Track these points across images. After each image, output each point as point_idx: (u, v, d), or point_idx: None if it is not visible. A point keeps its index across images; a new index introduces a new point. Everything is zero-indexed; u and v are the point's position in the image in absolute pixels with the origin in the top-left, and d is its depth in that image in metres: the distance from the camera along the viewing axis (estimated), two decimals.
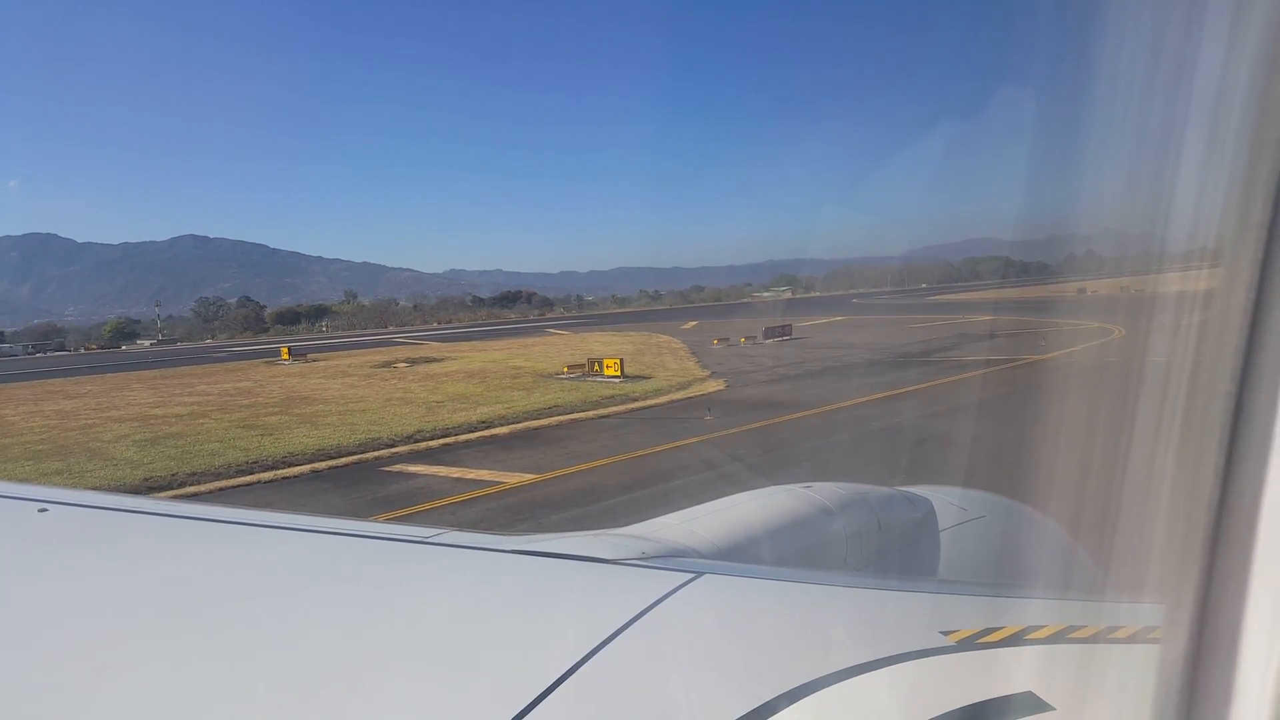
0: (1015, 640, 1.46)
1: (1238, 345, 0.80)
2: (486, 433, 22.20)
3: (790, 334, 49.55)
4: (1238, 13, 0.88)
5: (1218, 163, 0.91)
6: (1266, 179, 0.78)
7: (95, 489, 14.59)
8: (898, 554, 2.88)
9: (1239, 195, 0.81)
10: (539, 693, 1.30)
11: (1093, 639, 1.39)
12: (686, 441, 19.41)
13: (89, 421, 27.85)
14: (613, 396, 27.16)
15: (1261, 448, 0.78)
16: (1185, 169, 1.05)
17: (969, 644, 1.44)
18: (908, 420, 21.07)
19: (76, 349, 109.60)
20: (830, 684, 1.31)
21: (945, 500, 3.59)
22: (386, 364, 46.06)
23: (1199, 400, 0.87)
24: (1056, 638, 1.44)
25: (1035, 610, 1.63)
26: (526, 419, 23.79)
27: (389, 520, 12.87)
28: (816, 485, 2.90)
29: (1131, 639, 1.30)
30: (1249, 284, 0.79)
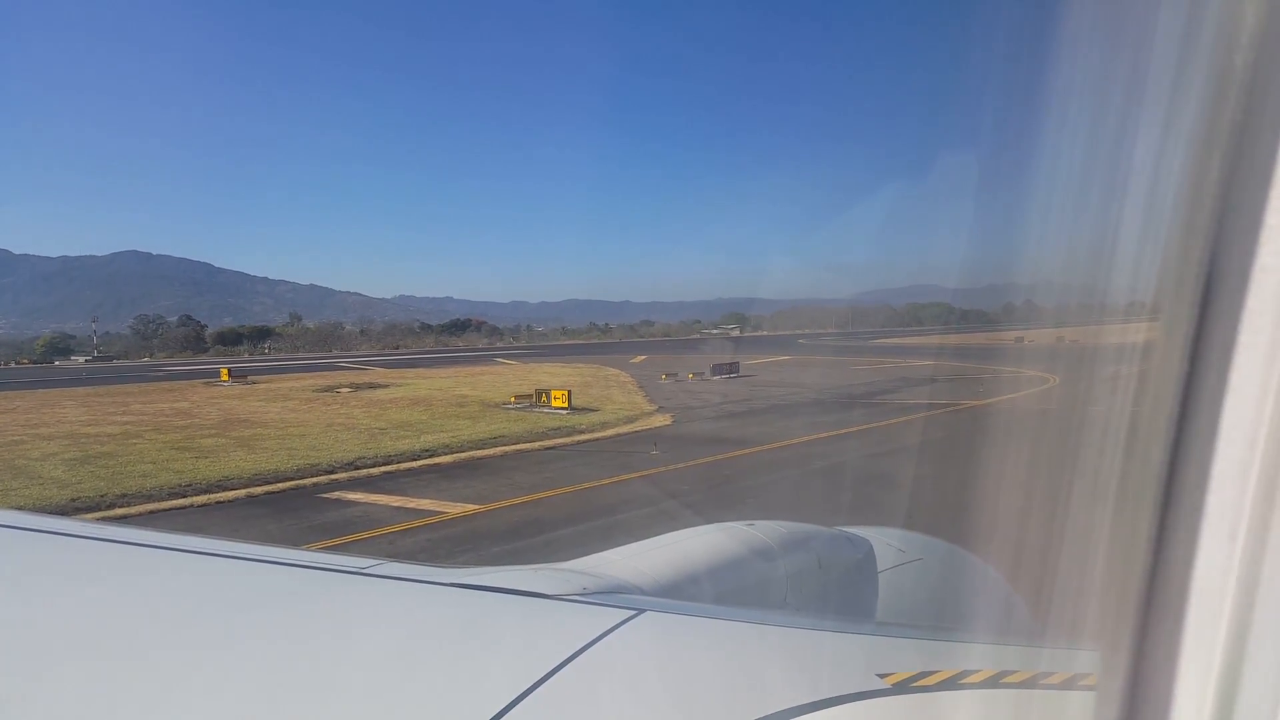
0: (951, 684, 1.46)
1: (1173, 399, 0.82)
2: (430, 461, 21.96)
3: (738, 371, 49.90)
4: (1177, 78, 0.92)
5: (1155, 223, 0.95)
6: (1202, 242, 0.80)
7: (18, 509, 14.06)
8: (837, 594, 2.89)
9: (1175, 256, 0.84)
10: None
11: (1028, 684, 1.40)
12: (631, 475, 19.46)
13: (16, 438, 26.68)
14: (559, 428, 27.10)
15: (1195, 498, 0.80)
16: (1125, 227, 1.08)
17: (904, 687, 1.45)
18: (849, 460, 21.42)
19: (7, 363, 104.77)
20: None
21: (884, 541, 3.62)
22: (330, 388, 45.17)
23: (1136, 450, 0.89)
24: (992, 682, 1.45)
25: (971, 654, 1.64)
26: (471, 448, 23.60)
27: (324, 549, 12.65)
28: (759, 523, 2.91)
29: (1065, 685, 1.31)
30: (1184, 341, 0.81)
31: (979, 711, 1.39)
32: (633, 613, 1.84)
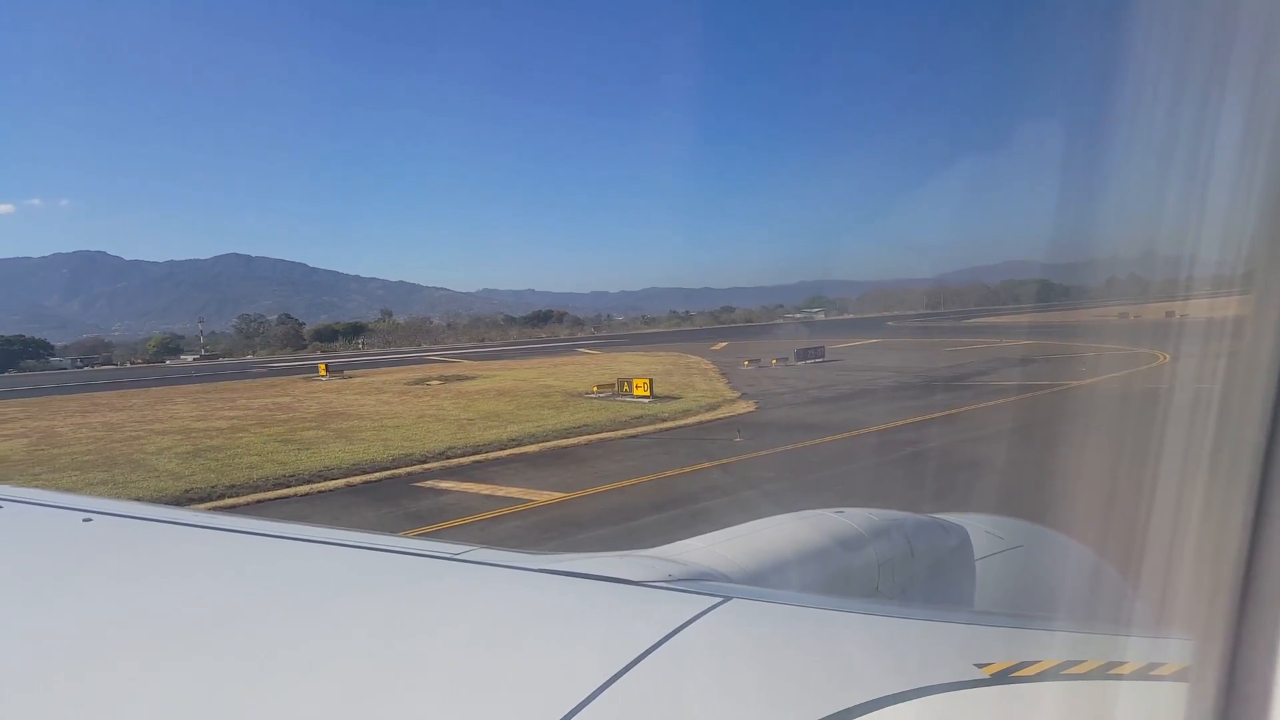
0: (1052, 675, 1.41)
1: (1270, 375, 0.78)
2: (516, 450, 22.40)
3: (823, 356, 49.13)
4: (1267, 42, 0.87)
5: (1249, 191, 0.89)
6: None
7: (138, 500, 14.94)
8: (931, 582, 2.81)
9: (1270, 225, 0.80)
10: (563, 715, 1.29)
11: (1134, 676, 1.34)
12: (715, 463, 19.42)
13: (133, 434, 28.56)
14: (641, 416, 27.25)
15: None
16: (1218, 197, 1.04)
17: (1003, 677, 1.40)
18: (940, 446, 20.82)
19: (123, 363, 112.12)
20: (859, 715, 1.28)
21: (981, 528, 3.50)
22: (420, 381, 46.58)
23: (1230, 428, 0.85)
24: (1096, 673, 1.39)
25: (1074, 644, 1.58)
26: (556, 438, 23.98)
27: (419, 536, 13.04)
28: (848, 510, 2.85)
29: (1175, 677, 1.24)
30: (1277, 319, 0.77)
31: (1082, 703, 1.33)
32: (719, 599, 1.82)
